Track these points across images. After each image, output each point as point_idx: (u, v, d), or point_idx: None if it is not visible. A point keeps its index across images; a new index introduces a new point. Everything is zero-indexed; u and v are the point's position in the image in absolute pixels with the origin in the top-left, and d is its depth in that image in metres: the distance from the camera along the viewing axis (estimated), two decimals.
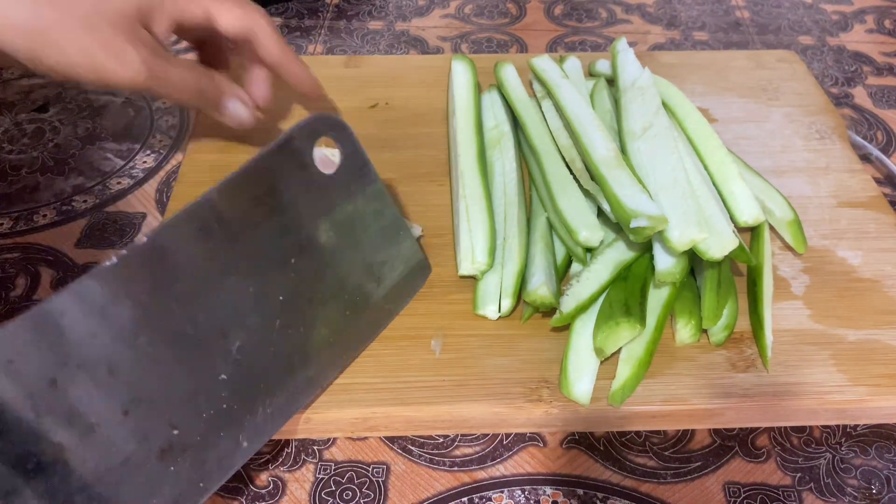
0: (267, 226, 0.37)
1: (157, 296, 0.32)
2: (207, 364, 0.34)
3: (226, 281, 0.35)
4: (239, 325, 0.36)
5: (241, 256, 0.36)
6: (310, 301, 0.40)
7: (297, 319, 0.39)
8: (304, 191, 0.39)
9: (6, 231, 0.55)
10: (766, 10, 0.83)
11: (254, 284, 0.37)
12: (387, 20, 0.80)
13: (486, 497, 0.41)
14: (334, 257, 0.41)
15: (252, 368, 0.36)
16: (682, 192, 0.45)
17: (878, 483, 0.42)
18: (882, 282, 0.48)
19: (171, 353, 0.33)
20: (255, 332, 0.36)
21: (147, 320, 0.32)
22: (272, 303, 0.37)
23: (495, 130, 0.56)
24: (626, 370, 0.42)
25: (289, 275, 0.38)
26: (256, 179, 0.37)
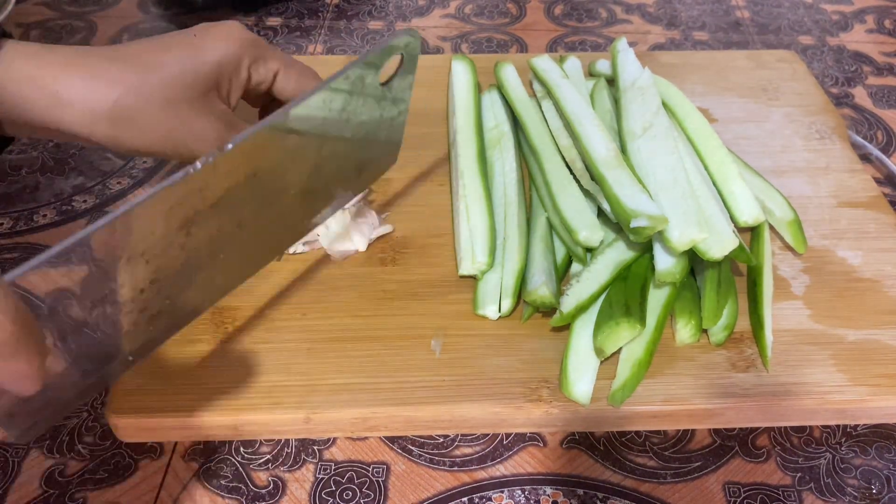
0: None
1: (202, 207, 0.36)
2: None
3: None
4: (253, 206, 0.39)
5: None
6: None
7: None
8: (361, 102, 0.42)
9: (6, 231, 0.55)
10: (766, 10, 0.83)
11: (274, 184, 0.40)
12: (387, 20, 0.80)
13: (486, 497, 0.41)
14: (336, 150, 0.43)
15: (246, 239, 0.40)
16: (682, 192, 0.45)
17: (878, 483, 0.42)
18: (882, 282, 0.48)
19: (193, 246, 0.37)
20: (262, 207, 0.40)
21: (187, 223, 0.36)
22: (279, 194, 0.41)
23: (495, 130, 0.56)
24: (626, 370, 0.42)
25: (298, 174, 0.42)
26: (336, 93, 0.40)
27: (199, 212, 0.35)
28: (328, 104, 0.40)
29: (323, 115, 0.40)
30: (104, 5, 0.81)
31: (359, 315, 0.46)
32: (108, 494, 0.41)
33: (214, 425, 0.42)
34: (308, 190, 0.43)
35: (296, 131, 0.39)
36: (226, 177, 0.36)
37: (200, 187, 0.34)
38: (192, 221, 0.35)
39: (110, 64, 0.41)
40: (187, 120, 0.42)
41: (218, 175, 0.35)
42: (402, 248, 0.50)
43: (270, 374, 0.43)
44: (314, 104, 0.39)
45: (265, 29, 0.78)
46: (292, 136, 0.38)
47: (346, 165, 0.45)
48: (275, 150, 0.38)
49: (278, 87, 0.47)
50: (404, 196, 0.54)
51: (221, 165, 0.35)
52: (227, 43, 0.44)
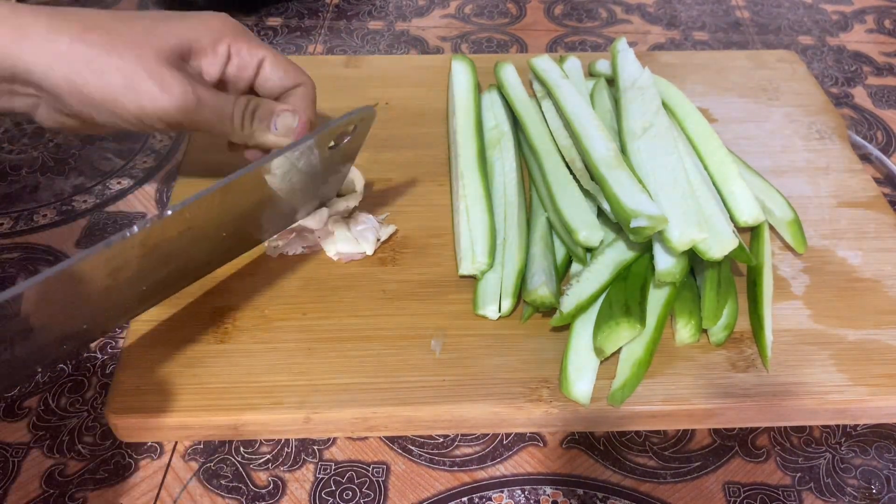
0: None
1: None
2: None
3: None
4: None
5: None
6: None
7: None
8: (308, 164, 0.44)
9: (6, 231, 0.55)
10: (766, 10, 0.83)
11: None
12: (387, 20, 0.80)
13: (486, 497, 0.41)
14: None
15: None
16: (682, 192, 0.45)
17: (878, 483, 0.42)
18: (882, 282, 0.48)
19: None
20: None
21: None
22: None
23: (495, 130, 0.56)
24: (626, 370, 0.42)
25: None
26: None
27: (127, 261, 0.37)
28: (270, 174, 0.42)
29: (268, 179, 0.42)
30: (104, 5, 0.81)
31: (359, 315, 0.46)
32: (108, 494, 0.41)
33: (214, 425, 0.42)
34: (241, 232, 0.46)
35: (237, 193, 0.40)
36: (162, 233, 0.38)
37: (134, 244, 0.36)
38: (120, 269, 0.37)
39: (79, 9, 0.41)
40: (152, 68, 0.40)
41: (153, 234, 0.37)
42: (402, 248, 0.50)
43: (270, 374, 0.43)
44: (254, 175, 0.40)
45: (265, 29, 0.78)
46: (233, 198, 0.41)
47: (285, 210, 0.47)
48: (214, 209, 0.40)
49: (263, 76, 0.46)
50: (404, 196, 0.54)
51: (159, 227, 0.37)
52: (210, 19, 0.44)
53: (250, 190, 0.41)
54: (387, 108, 0.61)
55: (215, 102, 0.43)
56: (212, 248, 0.44)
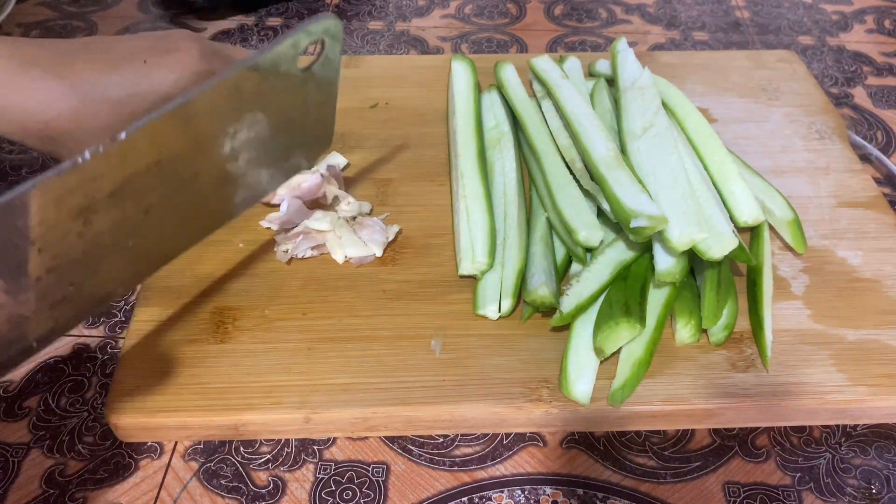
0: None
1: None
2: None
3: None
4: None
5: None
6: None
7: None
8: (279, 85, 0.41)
9: None
10: (766, 10, 0.83)
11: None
12: (387, 20, 0.80)
13: (486, 497, 0.41)
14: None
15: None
16: (682, 192, 0.45)
17: (878, 483, 0.42)
18: (882, 282, 0.48)
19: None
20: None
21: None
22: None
23: (495, 130, 0.56)
24: (626, 370, 0.42)
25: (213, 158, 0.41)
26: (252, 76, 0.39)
27: (96, 200, 0.35)
28: (238, 91, 0.38)
29: (231, 103, 0.39)
30: (104, 5, 0.81)
31: (359, 315, 0.46)
32: (108, 494, 0.41)
33: (214, 425, 0.42)
34: (225, 176, 0.42)
35: (200, 118, 0.37)
36: (123, 166, 0.35)
37: (93, 176, 0.34)
38: (90, 210, 0.35)
39: (53, 81, 0.39)
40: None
41: (113, 164, 0.34)
42: (402, 248, 0.50)
43: (270, 374, 0.43)
44: (220, 92, 0.37)
45: (265, 29, 0.78)
46: (197, 123, 0.37)
47: (269, 151, 0.44)
48: (178, 137, 0.37)
49: None
50: (404, 196, 0.54)
51: (116, 155, 0.34)
52: (178, 74, 0.42)
53: (218, 112, 0.38)
54: (387, 108, 0.61)
55: None
56: (194, 198, 0.41)
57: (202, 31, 0.77)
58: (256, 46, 0.76)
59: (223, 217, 0.44)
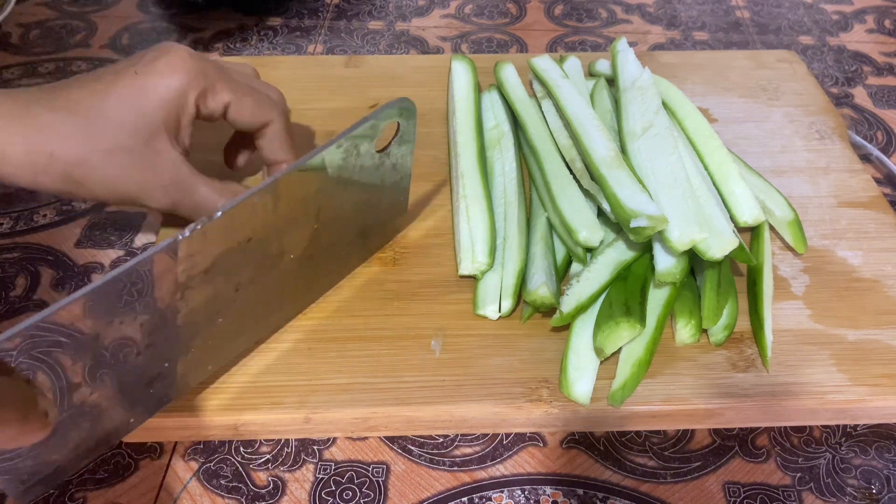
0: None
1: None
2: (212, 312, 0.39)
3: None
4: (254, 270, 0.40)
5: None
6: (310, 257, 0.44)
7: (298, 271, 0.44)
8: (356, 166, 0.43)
9: (6, 231, 0.55)
10: (766, 10, 0.83)
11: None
12: (387, 20, 0.80)
13: (486, 497, 0.41)
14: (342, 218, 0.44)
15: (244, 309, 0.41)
16: (682, 192, 0.45)
17: (878, 483, 0.42)
18: (882, 282, 0.48)
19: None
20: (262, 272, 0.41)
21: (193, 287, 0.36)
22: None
23: (495, 130, 0.56)
24: (626, 370, 0.42)
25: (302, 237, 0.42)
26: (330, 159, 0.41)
27: (191, 277, 0.35)
28: (322, 171, 0.40)
29: (317, 183, 0.40)
30: (104, 5, 0.81)
31: (359, 315, 0.46)
32: (108, 494, 0.41)
33: (214, 425, 0.42)
34: (309, 255, 0.43)
35: (288, 197, 0.39)
36: (218, 242, 0.36)
37: (191, 253, 0.34)
38: (186, 286, 0.35)
39: (51, 115, 0.39)
40: (131, 171, 0.41)
41: (209, 241, 0.35)
42: (402, 248, 0.50)
43: (270, 374, 0.43)
44: (305, 171, 0.39)
45: (265, 29, 0.78)
46: (285, 202, 0.39)
47: (348, 230, 0.46)
48: (268, 215, 0.38)
49: (231, 118, 0.45)
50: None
51: (212, 231, 0.35)
52: (171, 79, 0.42)
53: (301, 193, 0.40)
54: None
55: (199, 201, 0.44)
56: (283, 278, 0.42)
57: (202, 31, 0.77)
58: (256, 46, 0.76)
59: (307, 296, 0.46)
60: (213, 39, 0.76)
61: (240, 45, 0.76)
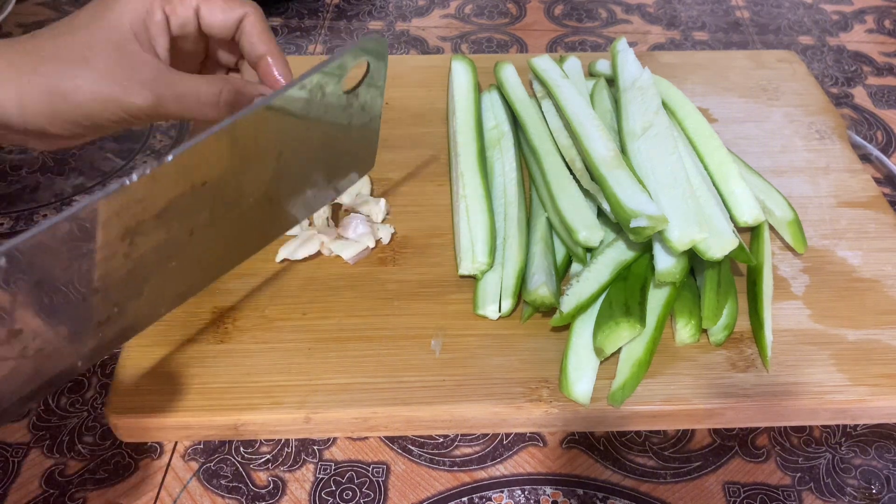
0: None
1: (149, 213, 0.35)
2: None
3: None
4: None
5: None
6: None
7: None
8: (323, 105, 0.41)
9: (6, 231, 0.55)
10: (766, 10, 0.83)
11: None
12: (387, 20, 0.80)
13: (486, 497, 0.41)
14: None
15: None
16: (682, 192, 0.45)
17: (878, 483, 0.42)
18: (882, 282, 0.48)
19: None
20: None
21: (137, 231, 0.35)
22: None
23: (495, 130, 0.56)
24: (626, 370, 0.42)
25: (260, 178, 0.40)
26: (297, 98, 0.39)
27: (141, 222, 0.34)
28: (284, 112, 0.38)
29: (278, 125, 0.38)
30: None
31: (359, 315, 0.46)
32: (108, 494, 0.41)
33: (214, 425, 0.42)
34: (270, 197, 0.42)
35: (247, 140, 0.37)
36: (169, 187, 0.35)
37: (140, 198, 0.33)
38: (135, 231, 0.34)
39: (31, 41, 0.40)
40: (110, 71, 0.40)
41: (159, 185, 0.34)
42: (402, 248, 0.50)
43: (270, 374, 0.43)
44: (266, 113, 0.37)
45: None
46: (243, 144, 0.37)
47: (313, 172, 0.44)
48: (224, 158, 0.37)
49: (205, 23, 0.44)
50: (404, 196, 0.54)
51: (162, 176, 0.34)
52: None
53: (264, 133, 0.38)
54: (387, 108, 0.61)
55: (185, 89, 0.42)
56: (239, 219, 0.41)
57: None
58: None
59: (268, 237, 0.44)
60: None
61: None
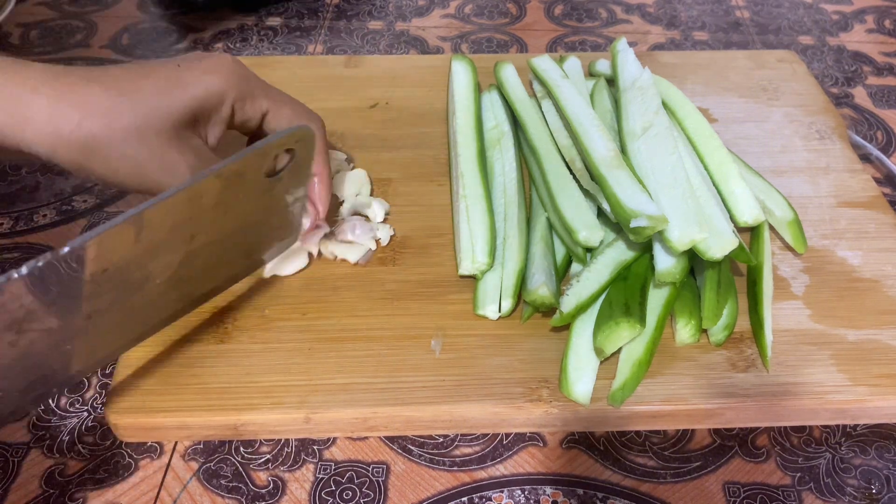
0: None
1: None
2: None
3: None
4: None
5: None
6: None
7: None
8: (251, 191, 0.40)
9: (6, 231, 0.55)
10: (766, 10, 0.83)
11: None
12: (387, 20, 0.80)
13: (486, 497, 0.41)
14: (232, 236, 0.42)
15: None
16: (682, 192, 0.45)
17: (878, 483, 0.42)
18: (882, 282, 0.48)
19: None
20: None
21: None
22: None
23: (495, 130, 0.56)
24: (626, 370, 0.42)
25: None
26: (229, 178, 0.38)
27: (30, 311, 0.33)
28: (195, 202, 0.37)
29: (189, 212, 0.37)
30: (104, 5, 0.81)
31: (359, 315, 0.46)
32: (108, 494, 0.41)
33: (214, 425, 0.42)
34: (180, 277, 0.40)
35: (154, 228, 0.36)
36: (65, 278, 0.34)
37: (29, 290, 0.32)
38: (22, 321, 0.33)
39: (83, 86, 0.38)
40: (156, 153, 0.40)
41: (52, 276, 0.33)
42: (402, 248, 0.50)
43: (270, 374, 0.43)
44: (177, 201, 0.36)
45: (265, 29, 0.78)
46: (149, 232, 0.36)
47: (230, 252, 0.43)
48: (128, 247, 0.36)
49: (269, 127, 0.45)
50: (404, 196, 0.54)
51: (55, 268, 0.33)
52: (213, 77, 0.42)
53: (174, 220, 0.37)
54: (387, 108, 0.61)
55: None
56: (148, 301, 0.40)
57: (202, 32, 0.77)
58: (256, 46, 0.76)
59: (175, 316, 0.44)
60: (213, 39, 0.76)
61: (240, 45, 0.76)
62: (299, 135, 0.40)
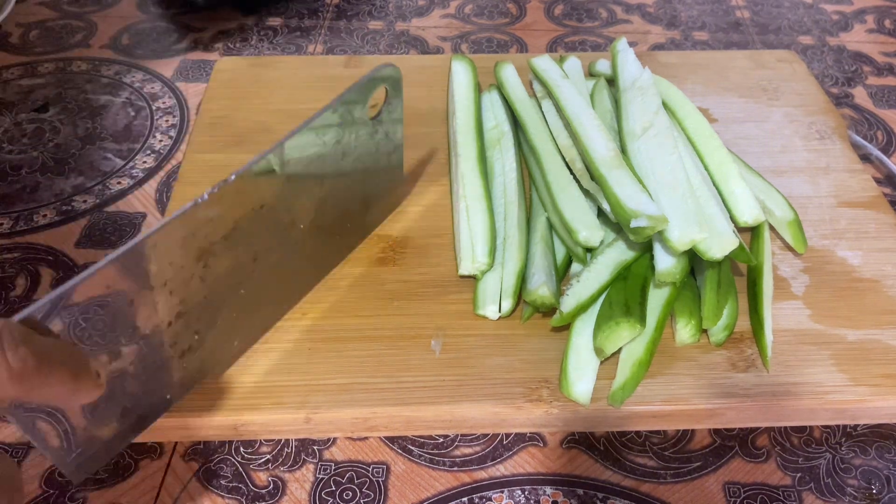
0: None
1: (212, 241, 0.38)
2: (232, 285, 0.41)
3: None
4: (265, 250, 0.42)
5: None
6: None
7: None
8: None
9: (6, 231, 0.55)
10: (766, 10, 0.83)
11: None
12: (387, 20, 0.80)
13: (486, 497, 0.41)
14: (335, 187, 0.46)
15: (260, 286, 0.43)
16: (682, 192, 0.45)
17: (878, 483, 0.42)
18: (882, 282, 0.48)
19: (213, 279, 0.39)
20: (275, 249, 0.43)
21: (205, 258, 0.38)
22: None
23: (495, 130, 0.56)
24: (626, 370, 0.42)
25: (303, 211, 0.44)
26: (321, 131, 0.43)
27: (213, 242, 0.37)
28: (321, 137, 0.42)
29: (317, 149, 0.42)
30: (104, 5, 0.82)
31: (359, 315, 0.46)
32: (108, 494, 0.41)
33: (214, 425, 0.42)
34: (317, 225, 0.45)
35: (294, 163, 0.41)
36: (233, 207, 0.38)
37: (211, 217, 0.36)
38: (209, 252, 0.37)
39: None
40: None
41: (225, 206, 0.37)
42: (402, 248, 0.50)
43: (270, 374, 0.43)
44: (307, 136, 0.41)
45: (265, 29, 0.78)
46: (291, 167, 0.41)
47: (351, 200, 0.48)
48: (277, 181, 0.40)
49: None
50: (404, 196, 0.54)
51: (227, 196, 0.37)
52: None
53: (303, 160, 0.42)
54: None
55: None
56: (296, 249, 0.44)
57: (202, 32, 0.77)
58: (256, 46, 0.76)
59: (316, 276, 0.48)
60: (213, 39, 0.76)
61: (240, 45, 0.76)
62: (388, 71, 0.46)
